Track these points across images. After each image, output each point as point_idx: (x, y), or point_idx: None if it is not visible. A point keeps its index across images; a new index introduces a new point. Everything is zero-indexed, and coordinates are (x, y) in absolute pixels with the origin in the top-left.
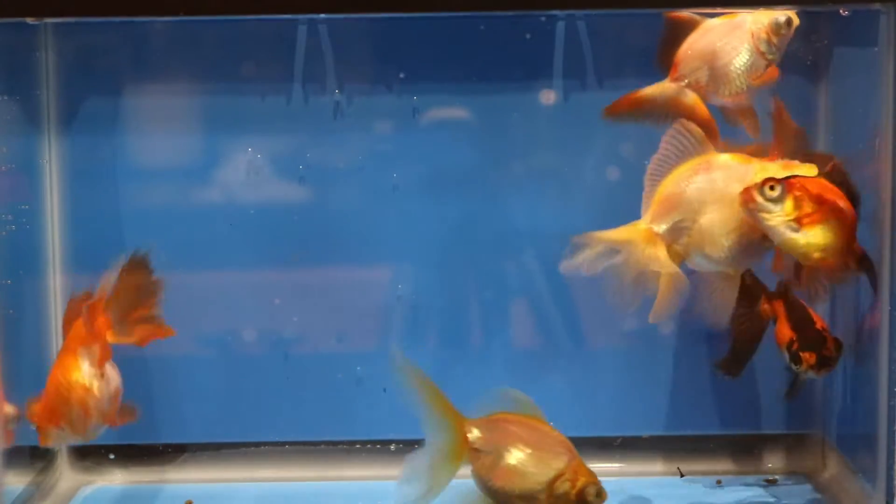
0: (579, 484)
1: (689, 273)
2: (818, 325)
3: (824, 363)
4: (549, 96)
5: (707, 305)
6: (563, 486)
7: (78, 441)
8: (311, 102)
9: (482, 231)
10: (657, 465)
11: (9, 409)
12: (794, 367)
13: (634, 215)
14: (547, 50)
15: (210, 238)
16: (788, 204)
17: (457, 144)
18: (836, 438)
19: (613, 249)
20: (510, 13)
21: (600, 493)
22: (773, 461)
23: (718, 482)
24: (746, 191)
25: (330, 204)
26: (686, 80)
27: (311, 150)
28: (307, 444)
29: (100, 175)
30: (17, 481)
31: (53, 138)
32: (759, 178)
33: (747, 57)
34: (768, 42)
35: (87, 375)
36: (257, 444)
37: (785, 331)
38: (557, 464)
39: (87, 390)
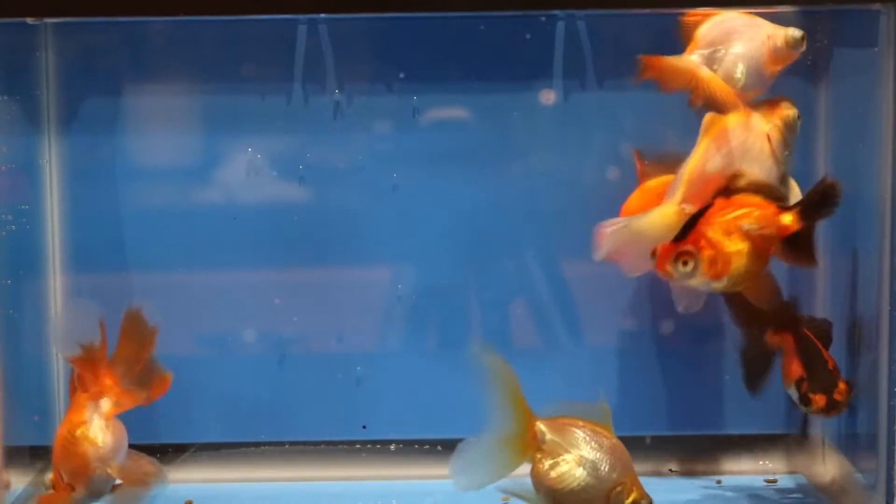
0: (632, 497)
1: None
2: (829, 366)
3: (833, 406)
4: (549, 96)
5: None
6: (617, 497)
7: (90, 500)
8: (311, 102)
9: (482, 231)
10: (657, 465)
11: (5, 476)
12: (802, 407)
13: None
14: (547, 50)
15: (210, 238)
16: (702, 268)
17: (457, 145)
18: (836, 438)
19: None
20: (510, 13)
21: None
22: (773, 461)
23: (718, 482)
24: (662, 268)
25: (330, 204)
26: (703, 54)
27: (311, 150)
28: (307, 444)
29: (100, 175)
30: (17, 481)
31: (53, 138)
32: (764, 129)
33: (759, 55)
34: (785, 49)
35: (93, 429)
36: (257, 444)
37: (794, 367)
38: (614, 474)
39: (93, 443)
